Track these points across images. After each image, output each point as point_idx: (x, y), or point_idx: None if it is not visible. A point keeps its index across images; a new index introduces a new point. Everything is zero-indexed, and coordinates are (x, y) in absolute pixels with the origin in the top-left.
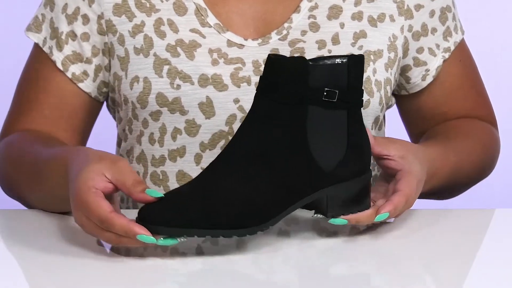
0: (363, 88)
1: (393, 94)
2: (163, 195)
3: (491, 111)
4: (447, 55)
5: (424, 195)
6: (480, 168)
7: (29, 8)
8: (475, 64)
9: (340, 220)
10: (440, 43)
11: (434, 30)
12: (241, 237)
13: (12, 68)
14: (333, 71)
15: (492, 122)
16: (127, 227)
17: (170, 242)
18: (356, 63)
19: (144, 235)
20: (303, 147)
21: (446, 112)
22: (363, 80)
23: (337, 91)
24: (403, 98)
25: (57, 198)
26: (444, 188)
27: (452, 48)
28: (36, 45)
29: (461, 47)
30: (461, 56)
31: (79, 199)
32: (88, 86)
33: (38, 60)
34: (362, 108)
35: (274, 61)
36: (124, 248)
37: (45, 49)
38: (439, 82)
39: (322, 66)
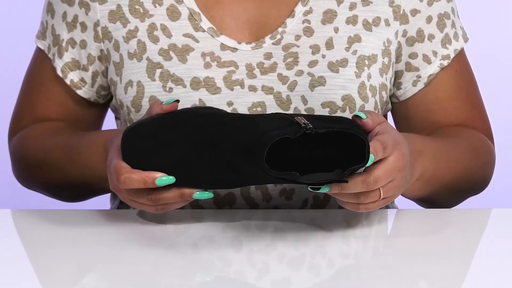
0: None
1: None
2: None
3: (487, 125)
4: (445, 62)
5: (418, 186)
6: (470, 171)
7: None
8: (473, 76)
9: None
10: (438, 50)
11: (431, 36)
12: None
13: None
14: None
15: (488, 135)
16: (145, 174)
17: (168, 181)
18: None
19: (163, 178)
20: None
21: (439, 121)
22: (358, 85)
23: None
24: (395, 106)
25: (96, 177)
26: (435, 181)
27: (452, 55)
28: (40, 49)
29: (460, 57)
30: (457, 67)
31: (108, 164)
32: (87, 92)
33: (42, 65)
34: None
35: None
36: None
37: (50, 55)
38: (432, 90)
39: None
